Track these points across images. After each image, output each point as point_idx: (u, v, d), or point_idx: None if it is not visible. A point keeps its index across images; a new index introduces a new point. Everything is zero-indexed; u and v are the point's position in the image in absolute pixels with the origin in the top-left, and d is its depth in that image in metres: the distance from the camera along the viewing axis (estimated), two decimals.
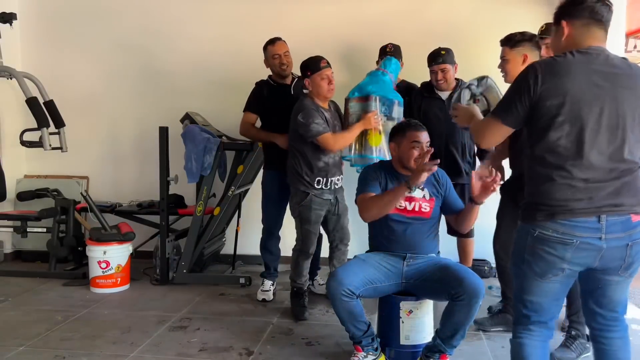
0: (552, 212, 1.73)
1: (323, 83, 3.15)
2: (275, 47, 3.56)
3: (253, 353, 2.80)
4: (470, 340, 2.92)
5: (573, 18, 1.82)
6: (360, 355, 2.55)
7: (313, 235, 3.30)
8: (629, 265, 1.77)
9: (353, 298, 2.46)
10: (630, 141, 1.74)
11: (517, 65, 2.65)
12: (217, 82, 4.57)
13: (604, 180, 1.71)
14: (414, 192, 2.59)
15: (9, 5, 4.43)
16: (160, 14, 4.63)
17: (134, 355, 2.76)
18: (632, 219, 1.73)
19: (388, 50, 3.61)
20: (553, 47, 1.94)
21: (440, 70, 3.42)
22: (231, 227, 4.47)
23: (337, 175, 3.29)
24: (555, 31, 1.90)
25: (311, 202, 3.22)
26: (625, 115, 1.73)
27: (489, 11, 4.21)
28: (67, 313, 3.36)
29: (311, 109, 3.13)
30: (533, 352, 1.85)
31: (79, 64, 4.75)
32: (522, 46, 2.68)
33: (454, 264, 2.60)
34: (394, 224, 2.63)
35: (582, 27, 1.80)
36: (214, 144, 3.79)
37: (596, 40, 1.80)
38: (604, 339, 1.88)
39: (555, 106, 1.72)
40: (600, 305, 1.86)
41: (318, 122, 3.10)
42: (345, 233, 3.45)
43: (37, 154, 4.58)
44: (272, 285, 3.75)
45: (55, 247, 4.22)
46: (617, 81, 1.74)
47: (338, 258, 3.44)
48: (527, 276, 1.82)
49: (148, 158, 4.49)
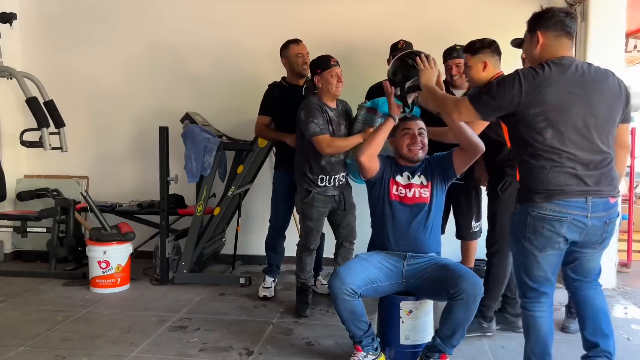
0: (549, 194, 2.06)
1: (333, 80, 3.18)
2: (299, 46, 3.61)
3: (253, 353, 2.80)
4: (470, 340, 2.92)
5: (547, 29, 2.14)
6: (360, 355, 2.55)
7: (315, 232, 3.32)
8: (604, 240, 2.16)
9: (355, 297, 2.46)
10: (602, 135, 2.08)
11: (479, 72, 2.80)
12: (217, 82, 4.57)
13: (587, 170, 2.06)
14: (413, 179, 2.68)
15: (9, 5, 4.43)
16: (161, 13, 4.63)
17: (134, 355, 2.76)
18: (610, 201, 2.11)
19: (400, 47, 3.55)
20: (528, 54, 2.26)
21: (455, 65, 3.36)
22: (231, 227, 4.47)
23: (341, 172, 3.29)
24: (530, 39, 2.21)
25: (314, 200, 3.23)
26: (597, 114, 2.07)
27: (489, 11, 4.21)
28: (67, 313, 3.36)
29: (314, 108, 3.15)
30: (547, 322, 2.21)
31: (79, 64, 4.75)
32: (482, 53, 2.80)
33: (453, 263, 2.61)
34: (395, 214, 2.67)
35: (554, 38, 2.13)
36: (214, 144, 3.80)
37: (566, 50, 2.13)
38: (581, 292, 2.27)
39: (538, 113, 2.04)
40: (577, 274, 2.25)
41: (317, 122, 3.11)
42: (351, 231, 3.46)
43: (37, 154, 4.59)
44: (274, 282, 3.77)
45: (55, 247, 4.22)
46: (588, 87, 2.06)
47: (343, 256, 3.44)
48: (529, 252, 2.15)
49: (148, 158, 4.49)
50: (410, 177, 2.71)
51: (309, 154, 3.21)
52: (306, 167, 3.23)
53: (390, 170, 2.74)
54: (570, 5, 4.01)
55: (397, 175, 2.72)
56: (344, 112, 3.36)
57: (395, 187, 2.70)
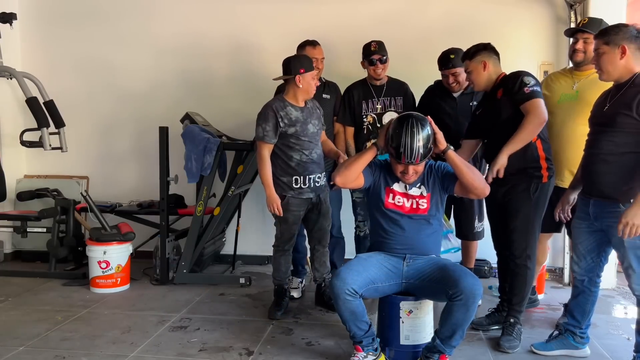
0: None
1: (313, 82, 3.13)
2: (315, 50, 3.56)
3: (253, 353, 2.80)
4: (470, 340, 2.92)
5: (631, 43, 2.35)
6: (360, 355, 2.55)
7: (290, 234, 3.29)
8: None
9: (356, 297, 2.46)
10: None
11: (480, 73, 2.85)
12: (217, 82, 4.57)
13: None
14: (410, 190, 2.63)
15: (9, 5, 4.43)
16: (161, 13, 4.63)
17: (134, 355, 2.76)
18: None
19: (373, 50, 3.52)
20: (610, 64, 2.40)
21: (452, 74, 3.39)
22: (231, 227, 4.47)
23: (316, 172, 3.22)
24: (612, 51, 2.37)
25: (288, 204, 3.17)
26: None
27: (489, 11, 4.21)
28: (67, 313, 3.36)
29: (268, 112, 3.10)
30: None
31: (79, 64, 4.75)
32: (479, 55, 2.85)
33: (452, 264, 2.60)
34: (393, 221, 2.65)
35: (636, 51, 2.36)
36: (214, 144, 3.79)
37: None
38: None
39: None
40: None
41: (264, 126, 3.07)
42: (324, 234, 3.34)
43: (37, 154, 4.59)
44: (301, 282, 3.76)
45: (55, 247, 4.22)
46: None
47: (319, 260, 3.37)
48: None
49: (148, 158, 4.49)
50: (407, 187, 2.65)
51: (280, 155, 3.16)
52: (277, 171, 3.18)
53: (385, 179, 2.67)
54: (570, 6, 4.02)
55: (395, 183, 2.66)
56: (314, 109, 3.27)
57: (392, 196, 2.66)
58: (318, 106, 3.33)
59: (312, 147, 3.17)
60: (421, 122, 2.49)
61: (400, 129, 2.47)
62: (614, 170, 2.38)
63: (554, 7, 4.15)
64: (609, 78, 2.46)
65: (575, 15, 3.98)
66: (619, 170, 2.37)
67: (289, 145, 3.13)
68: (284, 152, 3.15)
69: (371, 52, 3.53)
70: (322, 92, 3.61)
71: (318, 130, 3.23)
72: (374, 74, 3.58)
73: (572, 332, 2.73)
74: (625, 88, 2.39)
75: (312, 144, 3.17)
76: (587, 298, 2.67)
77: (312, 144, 3.17)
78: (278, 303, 3.36)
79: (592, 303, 2.68)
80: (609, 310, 3.53)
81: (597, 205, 2.47)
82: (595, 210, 2.48)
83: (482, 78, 2.87)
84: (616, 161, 2.38)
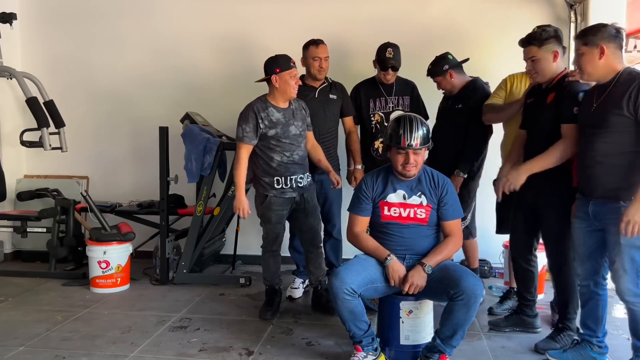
0: None
1: (291, 82, 3.09)
2: (318, 49, 3.51)
3: (253, 353, 2.80)
4: (470, 340, 2.92)
5: (610, 42, 2.35)
6: (360, 355, 2.55)
7: (275, 234, 3.29)
8: None
9: (355, 297, 2.46)
10: None
11: (550, 63, 2.68)
12: (217, 82, 4.57)
13: None
14: (410, 199, 2.63)
15: (9, 5, 4.43)
16: (161, 13, 4.62)
17: (134, 355, 2.76)
18: None
19: (388, 56, 3.49)
20: (590, 64, 2.37)
21: (436, 82, 3.44)
22: (231, 227, 4.47)
23: (298, 173, 3.19)
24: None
25: (271, 203, 3.17)
26: None
27: (489, 11, 4.20)
28: (67, 313, 3.36)
29: (248, 113, 3.09)
30: None
31: (79, 63, 4.75)
32: (551, 43, 2.68)
33: (452, 264, 2.61)
34: (391, 230, 2.66)
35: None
36: (214, 144, 3.80)
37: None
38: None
39: None
40: None
41: (244, 127, 3.07)
42: (315, 234, 3.31)
43: (37, 154, 4.59)
44: (302, 283, 3.76)
45: (55, 247, 4.22)
46: None
47: (314, 262, 3.35)
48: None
49: (148, 158, 4.49)
50: (406, 196, 2.64)
51: (261, 156, 3.16)
52: (259, 171, 3.18)
53: (380, 193, 2.67)
54: (570, 6, 4.02)
55: (390, 194, 2.66)
56: (299, 110, 3.24)
57: (387, 208, 2.65)
58: (304, 107, 3.30)
59: (294, 148, 3.16)
60: (420, 118, 2.63)
61: (400, 119, 2.61)
62: (612, 171, 2.35)
63: (554, 7, 4.14)
64: (589, 78, 2.45)
65: (575, 15, 3.98)
66: (617, 170, 2.34)
67: (269, 147, 3.12)
68: (265, 152, 3.14)
69: (385, 59, 3.51)
70: (329, 93, 3.60)
71: (302, 131, 3.20)
72: (383, 79, 3.58)
73: (589, 342, 2.63)
74: (610, 87, 2.36)
75: (293, 145, 3.15)
76: (597, 303, 2.60)
77: (293, 146, 3.15)
78: (269, 303, 3.36)
79: (603, 307, 2.61)
80: (609, 310, 3.51)
81: (597, 204, 2.44)
82: (595, 209, 2.45)
83: (551, 69, 2.69)
84: (613, 162, 2.35)
